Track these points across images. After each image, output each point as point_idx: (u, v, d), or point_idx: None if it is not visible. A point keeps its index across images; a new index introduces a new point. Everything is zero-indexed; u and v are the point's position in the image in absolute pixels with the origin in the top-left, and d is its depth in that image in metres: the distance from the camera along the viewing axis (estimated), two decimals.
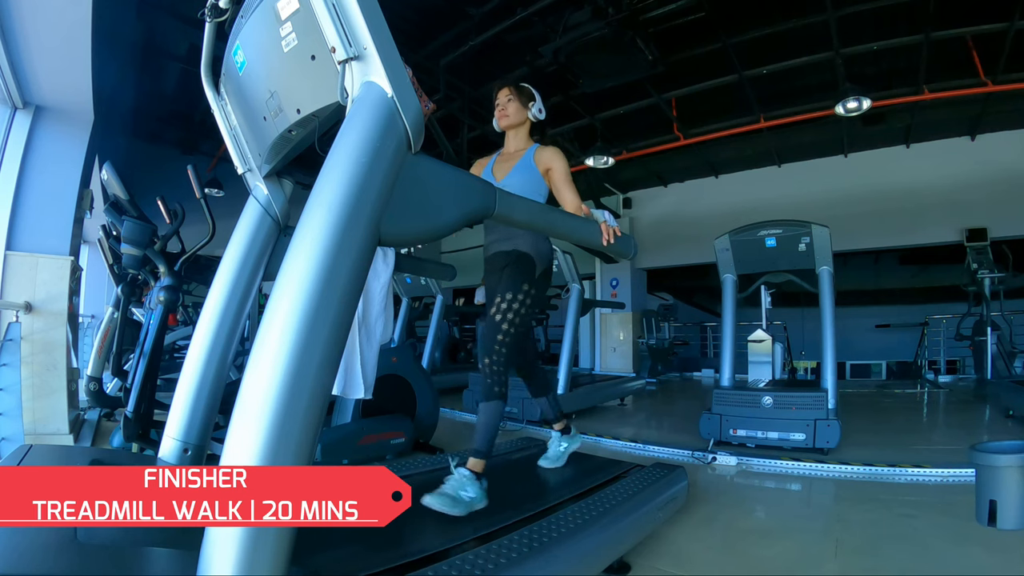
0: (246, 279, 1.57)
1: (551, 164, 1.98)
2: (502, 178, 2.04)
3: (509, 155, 2.12)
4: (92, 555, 0.94)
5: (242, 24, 1.32)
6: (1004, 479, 1.56)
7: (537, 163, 2.01)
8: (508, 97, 2.09)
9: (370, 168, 0.99)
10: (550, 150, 2.01)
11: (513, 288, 1.95)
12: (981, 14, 4.57)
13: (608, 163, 6.55)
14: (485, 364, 1.91)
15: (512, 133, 2.14)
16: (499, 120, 2.12)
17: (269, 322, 0.92)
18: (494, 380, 1.90)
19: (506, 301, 1.93)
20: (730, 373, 3.72)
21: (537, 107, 2.10)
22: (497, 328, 1.91)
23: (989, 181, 6.52)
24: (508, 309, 1.92)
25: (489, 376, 1.91)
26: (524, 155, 2.05)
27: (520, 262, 2.00)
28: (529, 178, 2.00)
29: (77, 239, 3.75)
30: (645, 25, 4.30)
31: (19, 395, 2.99)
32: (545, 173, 2.00)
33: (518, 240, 2.01)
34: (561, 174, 1.96)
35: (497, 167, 2.11)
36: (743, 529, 2.26)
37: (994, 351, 5.59)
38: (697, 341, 10.45)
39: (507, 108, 2.09)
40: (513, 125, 2.11)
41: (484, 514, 1.67)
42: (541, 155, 2.01)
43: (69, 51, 2.87)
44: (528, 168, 2.01)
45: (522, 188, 1.96)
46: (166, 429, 1.49)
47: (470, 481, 1.72)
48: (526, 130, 2.13)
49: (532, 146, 2.07)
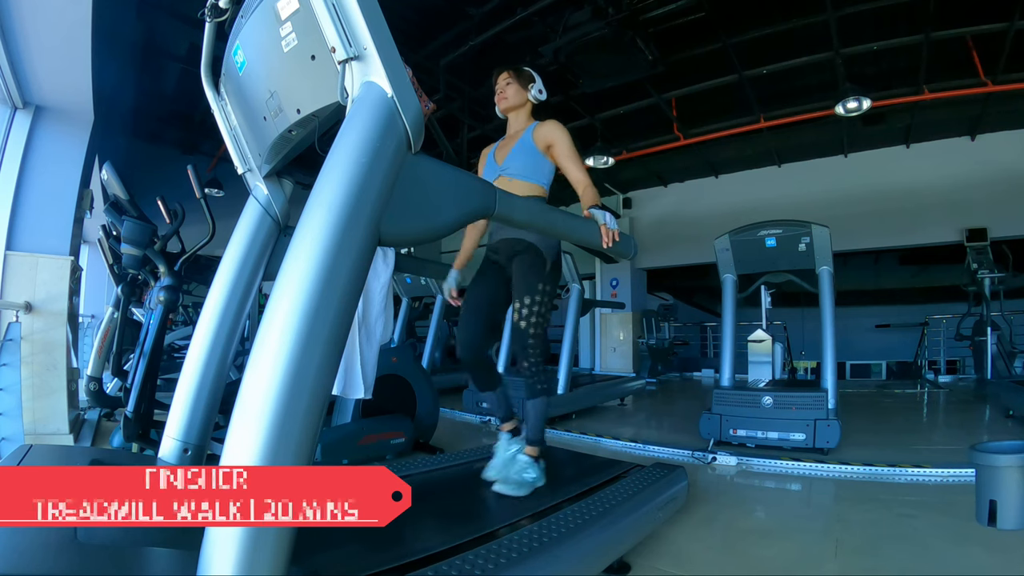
0: (246, 279, 1.57)
1: (551, 139, 1.94)
2: (503, 161, 2.02)
3: (510, 138, 2.10)
4: (92, 555, 0.94)
5: (242, 24, 1.32)
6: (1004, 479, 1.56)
7: (536, 141, 1.97)
8: (507, 80, 2.08)
9: (370, 168, 0.99)
10: (548, 124, 1.97)
11: (530, 291, 1.97)
12: (981, 14, 4.57)
13: (608, 163, 6.56)
14: (523, 368, 2.02)
15: (513, 116, 2.11)
16: (498, 104, 2.10)
17: (269, 322, 0.92)
18: (536, 379, 2.02)
19: (526, 307, 1.96)
20: (730, 373, 3.72)
21: (537, 88, 2.07)
22: (524, 334, 1.98)
23: (989, 181, 6.52)
24: (530, 313, 1.96)
25: (530, 376, 2.02)
26: (522, 135, 2.02)
27: (531, 259, 1.99)
28: (530, 158, 1.97)
29: (77, 239, 3.75)
30: (645, 25, 4.30)
31: (19, 395, 2.99)
32: (547, 150, 1.96)
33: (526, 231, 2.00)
34: (564, 149, 1.93)
35: (499, 151, 2.09)
36: (743, 529, 2.26)
37: (994, 351, 5.59)
38: (697, 341, 10.45)
39: (506, 91, 2.07)
40: (512, 107, 2.08)
41: (484, 514, 1.67)
42: (540, 132, 1.97)
43: (69, 51, 2.87)
44: (527, 148, 1.98)
45: (524, 169, 1.96)
46: (166, 429, 1.49)
47: (531, 465, 1.97)
48: (527, 112, 2.10)
49: (531, 125, 2.04)
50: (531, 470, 1.97)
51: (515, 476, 1.94)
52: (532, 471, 1.97)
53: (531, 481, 1.94)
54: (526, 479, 1.94)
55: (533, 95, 2.07)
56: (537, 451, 2.03)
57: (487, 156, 2.15)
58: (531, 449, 2.02)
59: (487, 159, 2.13)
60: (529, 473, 1.96)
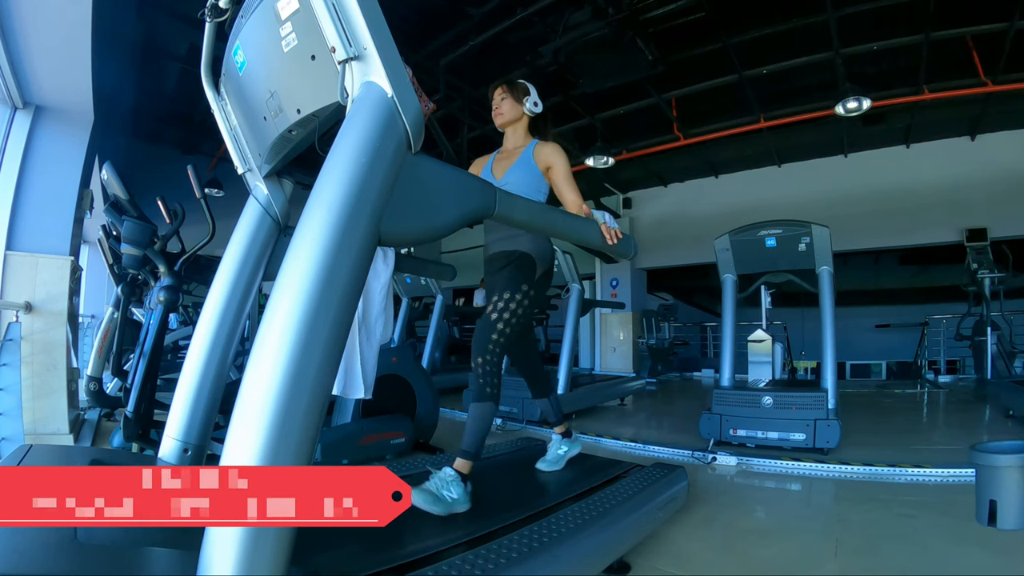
0: (246, 279, 1.57)
1: (551, 162, 1.96)
2: (501, 176, 2.02)
3: (508, 152, 2.10)
4: (92, 555, 0.94)
5: (242, 24, 1.32)
6: (1004, 479, 1.55)
7: (537, 160, 1.98)
8: (502, 96, 2.08)
9: (370, 168, 0.99)
10: (549, 146, 1.99)
11: (512, 288, 1.92)
12: (981, 14, 4.57)
13: (608, 163, 6.55)
14: (478, 364, 1.87)
15: (510, 130, 2.12)
16: (495, 119, 2.11)
17: (269, 322, 0.92)
18: (486, 381, 1.85)
19: (503, 300, 1.89)
20: (730, 373, 3.72)
21: (532, 101, 2.07)
22: (492, 327, 1.87)
23: (989, 181, 6.52)
24: (505, 309, 1.88)
25: (482, 376, 1.86)
26: (523, 152, 2.02)
27: (521, 262, 1.97)
28: (528, 176, 1.98)
29: (77, 239, 3.75)
30: (645, 25, 4.30)
31: (19, 395, 2.99)
32: (545, 171, 1.98)
33: (520, 240, 1.99)
34: (562, 173, 1.94)
35: (496, 165, 2.09)
36: (743, 529, 2.26)
37: (994, 351, 5.59)
38: (697, 341, 10.45)
39: (501, 107, 2.08)
40: (509, 122, 2.09)
41: (484, 514, 1.67)
42: (540, 152, 1.99)
43: (69, 51, 2.87)
44: (527, 165, 1.99)
45: (521, 186, 1.95)
46: (166, 429, 1.49)
47: (455, 482, 1.70)
48: (524, 126, 2.11)
49: (531, 143, 2.04)
50: (453, 488, 1.67)
51: (432, 488, 1.66)
52: (454, 489, 1.67)
53: (449, 502, 1.64)
54: (444, 497, 1.65)
55: (528, 108, 2.07)
56: (468, 467, 1.77)
57: (483, 168, 2.14)
58: (461, 463, 1.76)
59: (483, 171, 2.13)
60: (449, 492, 1.67)
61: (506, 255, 2.01)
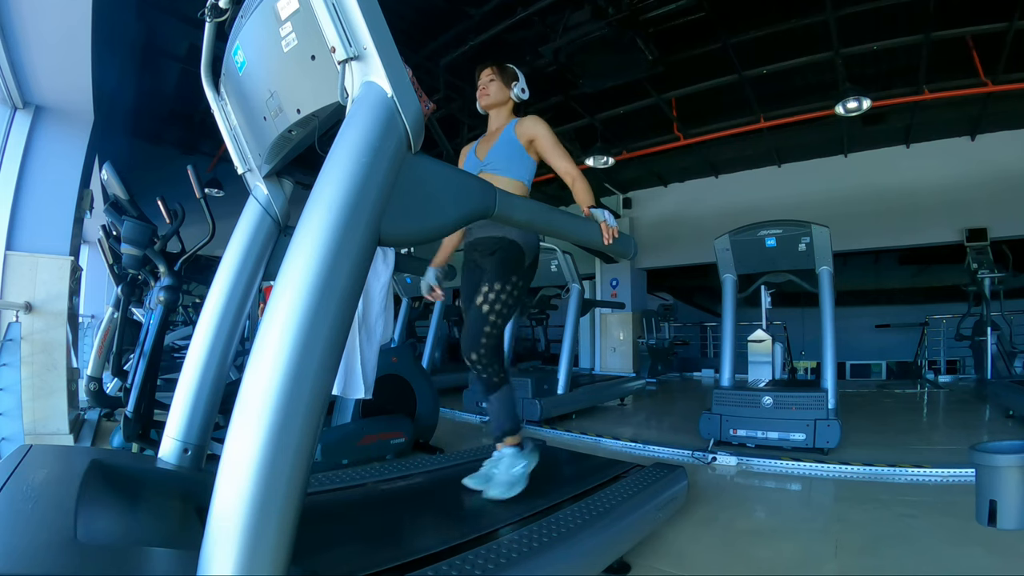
0: (246, 279, 1.57)
1: (533, 133, 1.93)
2: (484, 157, 2.00)
3: (491, 134, 2.08)
4: (92, 555, 0.94)
5: (242, 24, 1.32)
6: (1004, 479, 1.56)
7: (518, 135, 1.95)
8: (490, 77, 2.05)
9: (370, 168, 0.99)
10: (529, 119, 1.96)
11: (502, 278, 1.90)
12: (981, 14, 4.57)
13: (608, 163, 6.55)
14: (473, 361, 1.87)
15: (494, 113, 2.09)
16: (480, 100, 2.08)
17: (269, 322, 0.92)
18: (491, 373, 1.90)
19: (494, 292, 1.88)
20: (730, 373, 3.72)
21: (520, 87, 2.05)
22: (484, 320, 1.86)
23: (989, 181, 6.53)
24: (496, 300, 1.87)
25: (483, 372, 1.89)
26: (504, 130, 2.00)
27: (511, 252, 1.94)
28: (511, 152, 1.95)
29: (77, 239, 3.75)
30: (645, 25, 4.30)
31: (19, 395, 2.99)
32: (529, 144, 1.94)
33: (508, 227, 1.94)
34: (548, 142, 1.91)
35: (480, 148, 2.07)
36: (743, 529, 2.26)
37: (994, 351, 5.60)
38: (697, 341, 10.46)
39: (488, 88, 2.05)
40: (494, 104, 2.06)
41: (484, 514, 1.67)
42: (521, 126, 1.96)
43: (69, 51, 2.87)
44: (509, 143, 1.96)
45: (506, 164, 1.94)
46: (166, 429, 1.49)
47: (515, 456, 1.88)
48: (508, 110, 2.08)
49: (512, 121, 2.02)
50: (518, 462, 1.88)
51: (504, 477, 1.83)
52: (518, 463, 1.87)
53: (523, 474, 1.86)
54: (515, 475, 1.85)
55: (515, 93, 2.05)
56: (518, 438, 1.93)
57: (467, 153, 2.12)
58: (511, 439, 1.92)
59: (467, 156, 2.11)
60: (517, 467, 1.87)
61: (495, 240, 1.97)
